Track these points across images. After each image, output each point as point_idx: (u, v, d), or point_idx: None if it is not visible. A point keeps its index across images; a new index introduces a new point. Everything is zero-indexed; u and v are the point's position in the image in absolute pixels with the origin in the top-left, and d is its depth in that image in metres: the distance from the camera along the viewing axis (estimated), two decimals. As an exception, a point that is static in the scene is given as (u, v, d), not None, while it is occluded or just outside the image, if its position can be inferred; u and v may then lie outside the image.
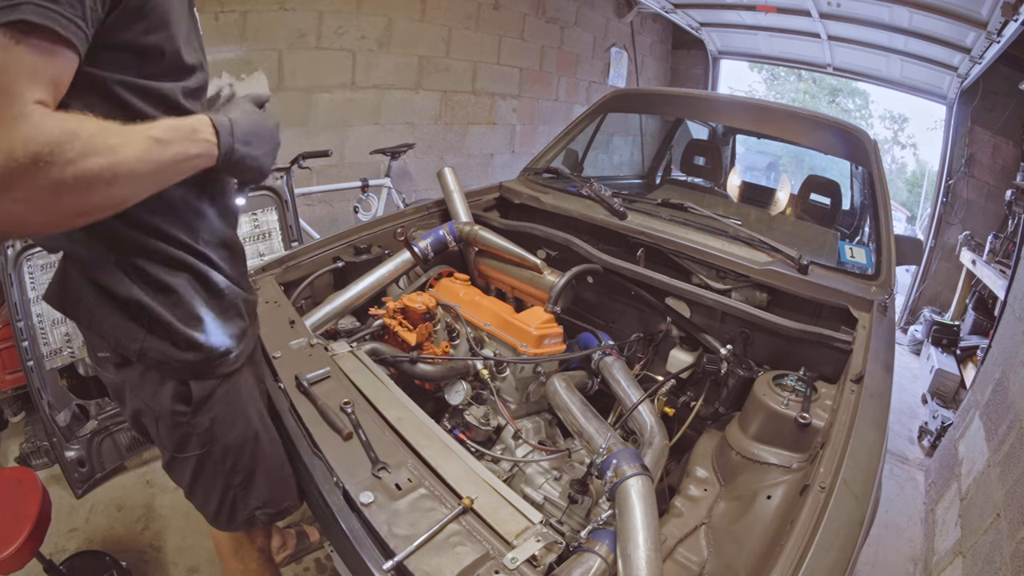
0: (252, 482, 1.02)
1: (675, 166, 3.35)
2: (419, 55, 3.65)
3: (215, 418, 0.92)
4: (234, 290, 0.94)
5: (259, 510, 1.05)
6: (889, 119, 12.99)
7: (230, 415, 0.95)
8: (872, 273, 1.63)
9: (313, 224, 2.99)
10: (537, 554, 0.82)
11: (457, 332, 1.53)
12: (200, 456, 0.95)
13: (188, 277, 0.85)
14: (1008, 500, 1.61)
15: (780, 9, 4.17)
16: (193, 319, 0.86)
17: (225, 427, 0.95)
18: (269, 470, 1.04)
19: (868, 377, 1.14)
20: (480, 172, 4.40)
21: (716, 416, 1.48)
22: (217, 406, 0.92)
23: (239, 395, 0.96)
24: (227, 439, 0.95)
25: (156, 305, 0.82)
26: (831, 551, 0.76)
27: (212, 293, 0.89)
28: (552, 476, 1.28)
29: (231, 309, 0.93)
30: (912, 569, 2.05)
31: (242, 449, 0.98)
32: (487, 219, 2.00)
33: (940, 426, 2.86)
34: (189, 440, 0.93)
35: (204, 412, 0.91)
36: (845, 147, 2.08)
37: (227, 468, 0.98)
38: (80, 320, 0.86)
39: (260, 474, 1.02)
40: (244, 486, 1.01)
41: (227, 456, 0.97)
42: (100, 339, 0.86)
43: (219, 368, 0.90)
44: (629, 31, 5.52)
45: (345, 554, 0.89)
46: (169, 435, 0.93)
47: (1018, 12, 2.66)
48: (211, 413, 0.92)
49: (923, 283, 4.75)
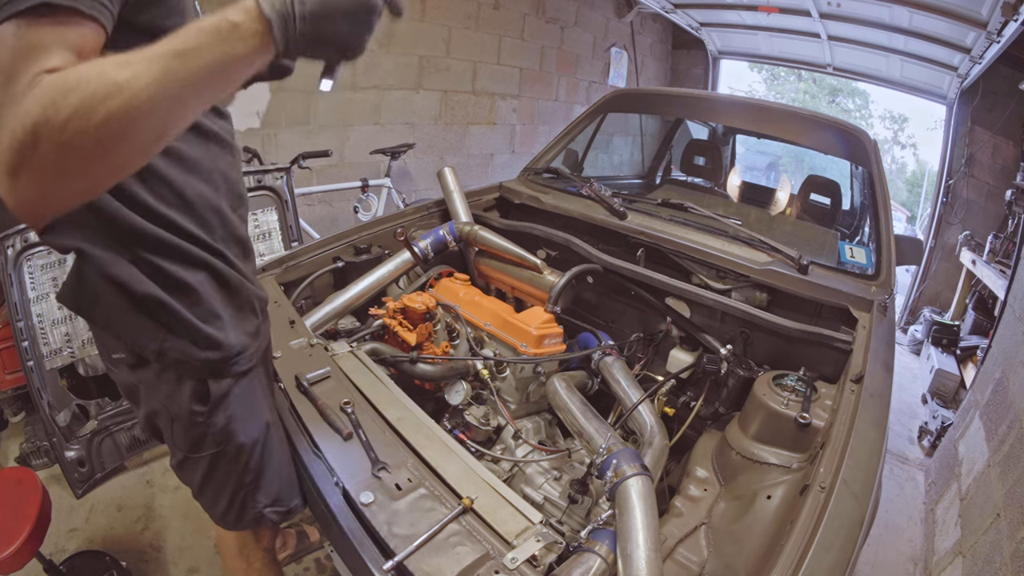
0: (262, 480, 1.01)
1: (675, 166, 3.35)
2: (419, 55, 3.65)
3: (231, 416, 0.92)
4: (248, 287, 0.93)
5: (268, 508, 1.04)
6: (889, 119, 13.00)
7: (245, 413, 0.94)
8: (872, 273, 1.63)
9: (313, 224, 2.99)
10: (537, 554, 0.82)
11: (457, 332, 1.53)
12: (214, 455, 0.94)
13: (206, 275, 0.84)
14: (1008, 500, 1.61)
15: (780, 9, 4.17)
16: (212, 317, 0.85)
17: (240, 425, 0.94)
18: (278, 468, 1.03)
19: (868, 377, 1.14)
20: (480, 172, 4.40)
21: (716, 416, 1.48)
22: (233, 404, 0.92)
23: (254, 393, 0.96)
24: (241, 437, 0.95)
25: (175, 303, 0.80)
26: (831, 551, 0.76)
27: (229, 290, 0.88)
28: (552, 476, 1.28)
29: (246, 306, 0.93)
30: (912, 569, 2.05)
31: (255, 447, 0.98)
32: (487, 219, 2.00)
33: (940, 426, 2.86)
34: (204, 440, 0.92)
35: (221, 411, 0.90)
36: (845, 147, 2.08)
37: (240, 467, 0.97)
38: (96, 320, 0.85)
39: (270, 471, 1.02)
40: (255, 484, 1.00)
41: (241, 454, 0.96)
42: (116, 340, 0.85)
43: (236, 366, 0.90)
44: (629, 31, 5.52)
45: (345, 554, 0.89)
46: (184, 435, 0.92)
47: (1018, 12, 2.66)
48: (227, 412, 0.91)
49: (923, 283, 4.75)
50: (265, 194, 2.39)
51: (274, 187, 2.40)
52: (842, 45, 4.47)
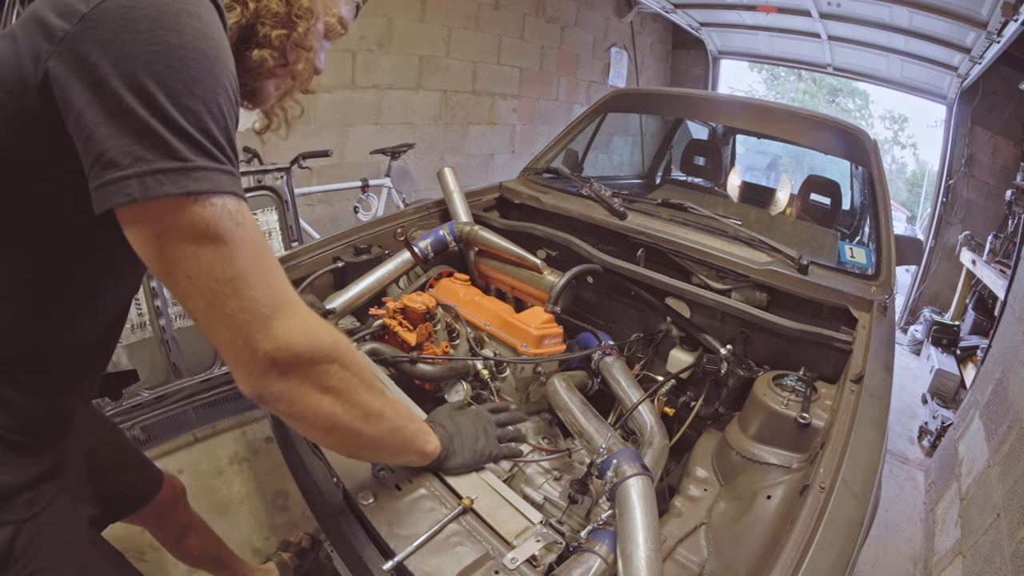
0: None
1: (675, 166, 3.35)
2: (419, 55, 3.65)
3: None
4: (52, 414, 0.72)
5: None
6: (889, 119, 13.01)
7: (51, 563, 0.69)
8: (872, 273, 1.63)
9: (313, 224, 2.99)
10: (537, 554, 0.82)
11: (457, 332, 1.53)
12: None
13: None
14: (1008, 500, 1.61)
15: (780, 9, 4.17)
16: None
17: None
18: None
19: (868, 377, 1.14)
20: (480, 172, 4.40)
21: (716, 416, 1.48)
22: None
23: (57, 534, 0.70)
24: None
25: None
26: (831, 551, 0.75)
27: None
28: (552, 476, 1.28)
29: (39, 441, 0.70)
30: (912, 569, 2.05)
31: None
32: (487, 219, 2.00)
33: (940, 426, 2.86)
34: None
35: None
36: (845, 147, 2.08)
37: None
38: None
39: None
40: None
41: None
42: None
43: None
44: (629, 31, 5.52)
45: (345, 554, 0.89)
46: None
47: (1018, 12, 2.66)
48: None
49: (923, 283, 4.76)
50: (265, 194, 2.38)
51: (274, 187, 2.40)
52: (842, 45, 4.47)
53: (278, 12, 0.68)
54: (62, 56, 0.49)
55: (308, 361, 0.60)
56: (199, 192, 0.51)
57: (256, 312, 0.55)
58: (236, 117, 0.57)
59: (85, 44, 0.49)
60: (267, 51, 0.69)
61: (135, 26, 0.48)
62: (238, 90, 0.58)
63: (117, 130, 0.48)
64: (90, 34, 0.49)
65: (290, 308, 0.58)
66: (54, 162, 0.55)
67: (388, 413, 0.74)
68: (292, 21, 0.69)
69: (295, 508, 1.96)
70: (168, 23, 0.49)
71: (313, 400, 0.62)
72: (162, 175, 0.49)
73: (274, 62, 0.70)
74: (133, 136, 0.48)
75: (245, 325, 0.54)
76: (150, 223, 0.51)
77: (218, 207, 0.52)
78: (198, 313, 0.54)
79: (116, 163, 0.49)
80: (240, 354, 0.56)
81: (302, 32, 0.70)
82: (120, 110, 0.48)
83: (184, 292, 0.53)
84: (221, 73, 0.53)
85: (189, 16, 0.51)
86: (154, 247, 0.52)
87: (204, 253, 0.52)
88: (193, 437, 2.17)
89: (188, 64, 0.50)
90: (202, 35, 0.52)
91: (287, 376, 0.59)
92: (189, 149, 0.50)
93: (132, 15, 0.49)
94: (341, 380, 0.64)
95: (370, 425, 0.70)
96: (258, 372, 0.57)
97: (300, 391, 0.61)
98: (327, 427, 0.66)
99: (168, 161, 0.49)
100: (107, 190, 0.49)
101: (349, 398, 0.66)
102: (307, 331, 0.59)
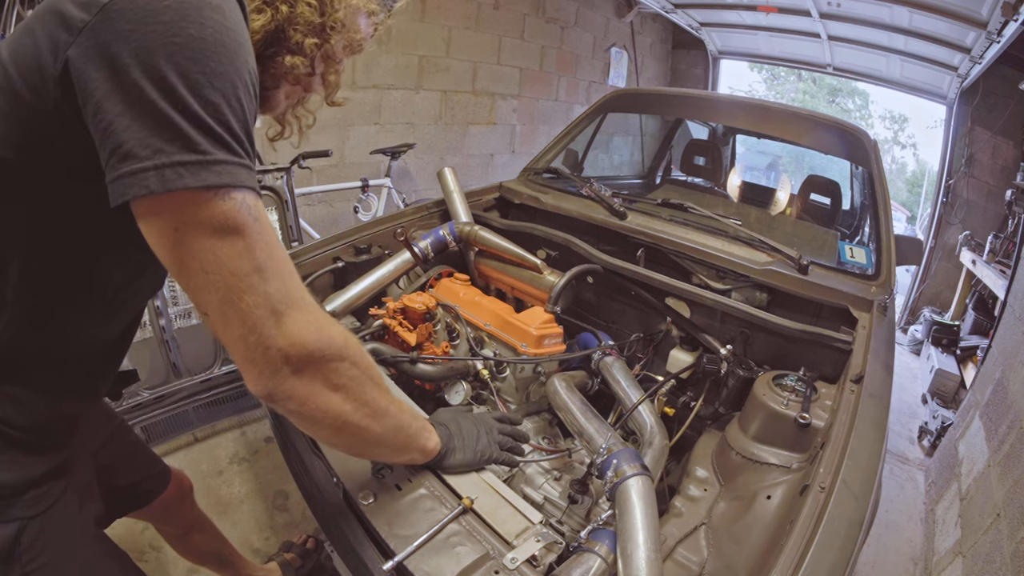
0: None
1: (675, 166, 3.35)
2: (419, 55, 3.65)
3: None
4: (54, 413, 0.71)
5: None
6: (889, 119, 13.01)
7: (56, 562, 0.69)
8: (872, 273, 1.63)
9: (313, 224, 2.99)
10: (537, 554, 0.82)
11: (457, 332, 1.53)
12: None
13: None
14: (1008, 500, 1.61)
15: (780, 9, 4.17)
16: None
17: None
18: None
19: (868, 377, 1.14)
20: (480, 172, 4.40)
21: (716, 416, 1.48)
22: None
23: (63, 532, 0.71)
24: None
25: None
26: (831, 551, 0.75)
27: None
28: (552, 476, 1.28)
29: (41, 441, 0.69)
30: (912, 569, 2.05)
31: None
32: (487, 219, 2.00)
33: (940, 426, 2.86)
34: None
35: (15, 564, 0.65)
36: (845, 147, 2.08)
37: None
38: None
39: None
40: None
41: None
42: None
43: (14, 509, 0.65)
44: (629, 31, 5.52)
45: (345, 554, 0.89)
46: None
47: (1018, 12, 2.66)
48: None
49: (923, 283, 4.76)
50: (265, 194, 2.39)
51: (274, 187, 2.40)
52: (842, 45, 4.47)
53: (312, 21, 0.68)
54: (82, 46, 0.49)
55: (320, 359, 0.59)
56: (219, 186, 0.50)
57: (270, 308, 0.54)
58: (255, 112, 0.57)
59: (106, 34, 0.48)
60: (299, 58, 0.69)
61: (157, 17, 0.48)
62: (258, 85, 0.58)
63: (136, 121, 0.48)
64: (111, 24, 0.48)
65: (302, 305, 0.58)
66: (71, 157, 0.54)
67: (393, 411, 0.74)
68: (326, 32, 0.69)
69: (295, 508, 1.96)
70: (191, 15, 0.49)
71: (323, 398, 0.62)
72: (181, 167, 0.49)
73: (304, 69, 0.70)
74: (152, 127, 0.48)
75: (259, 321, 0.54)
76: (168, 216, 0.50)
77: (237, 201, 0.52)
78: (211, 308, 0.53)
79: (134, 155, 0.48)
80: (252, 351, 0.55)
81: (334, 44, 0.71)
82: (140, 100, 0.48)
83: (198, 286, 0.52)
84: (242, 67, 0.53)
85: (211, 9, 0.51)
86: (171, 240, 0.51)
87: (222, 247, 0.51)
88: (193, 437, 2.17)
89: (209, 57, 0.50)
90: (224, 28, 0.51)
91: (299, 374, 0.58)
92: (209, 142, 0.50)
93: (154, 6, 0.48)
94: (351, 378, 0.64)
95: (377, 423, 0.70)
96: (270, 369, 0.56)
97: (311, 389, 0.60)
98: (336, 425, 0.65)
99: (188, 154, 0.49)
100: (124, 182, 0.48)
101: (358, 396, 0.66)
102: (319, 328, 0.59)
